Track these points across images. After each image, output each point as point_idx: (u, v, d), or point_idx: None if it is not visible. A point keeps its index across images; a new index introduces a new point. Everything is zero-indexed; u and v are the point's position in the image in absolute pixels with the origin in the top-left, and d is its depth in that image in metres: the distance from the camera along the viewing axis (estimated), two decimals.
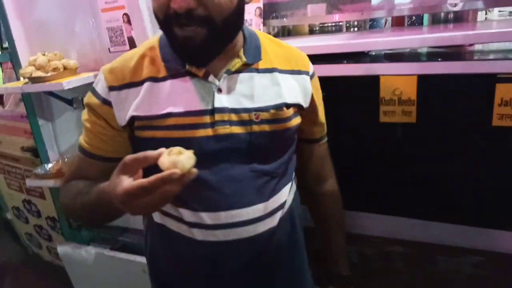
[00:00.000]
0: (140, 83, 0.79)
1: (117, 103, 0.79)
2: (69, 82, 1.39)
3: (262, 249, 0.84)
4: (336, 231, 1.05)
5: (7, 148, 2.25)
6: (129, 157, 0.62)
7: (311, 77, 0.89)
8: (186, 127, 0.76)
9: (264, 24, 1.46)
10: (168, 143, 0.64)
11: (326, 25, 1.62)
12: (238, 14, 0.72)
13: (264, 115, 0.78)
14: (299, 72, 0.86)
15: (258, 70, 0.80)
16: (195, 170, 0.61)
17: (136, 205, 0.61)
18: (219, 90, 0.77)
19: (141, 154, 0.61)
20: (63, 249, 1.85)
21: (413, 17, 1.62)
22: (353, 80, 1.17)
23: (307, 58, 0.91)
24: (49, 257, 2.49)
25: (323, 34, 1.61)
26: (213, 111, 0.76)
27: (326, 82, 0.97)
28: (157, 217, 0.88)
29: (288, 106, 0.81)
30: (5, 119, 2.17)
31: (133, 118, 0.78)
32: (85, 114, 0.83)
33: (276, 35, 1.61)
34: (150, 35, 1.35)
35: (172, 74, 0.78)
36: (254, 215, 0.81)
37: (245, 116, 0.77)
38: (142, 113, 0.78)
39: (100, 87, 0.81)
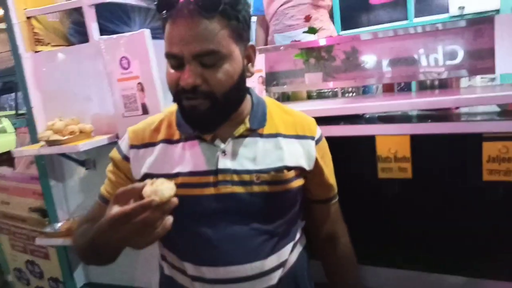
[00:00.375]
0: (155, 144, 0.89)
1: (134, 160, 0.90)
2: (84, 145, 1.49)
3: None
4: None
5: (14, 209, 2.28)
6: (120, 189, 0.71)
7: (317, 141, 0.95)
8: (192, 186, 0.85)
9: (266, 91, 1.59)
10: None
11: (322, 91, 1.76)
12: (238, 88, 0.81)
13: (264, 177, 0.85)
14: (304, 137, 0.93)
15: (262, 135, 0.88)
16: (175, 199, 0.68)
17: (121, 230, 0.67)
18: (224, 153, 0.85)
19: (129, 186, 0.71)
20: None
21: (402, 84, 1.77)
22: (352, 140, 1.27)
23: (314, 124, 0.98)
24: None
25: (320, 99, 1.74)
26: (216, 171, 0.84)
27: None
28: (167, 269, 0.95)
29: (289, 168, 0.87)
30: (16, 181, 2.23)
31: (146, 175, 0.87)
32: (109, 166, 0.95)
33: (276, 100, 1.74)
34: (162, 101, 1.47)
35: (185, 138, 0.88)
36: (252, 272, 0.85)
37: (246, 177, 0.84)
38: (155, 171, 0.87)
39: (124, 144, 0.93)
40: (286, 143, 0.90)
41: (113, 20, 1.66)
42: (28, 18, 1.72)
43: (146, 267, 1.68)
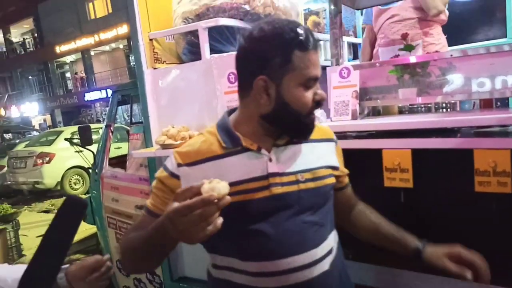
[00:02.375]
0: (203, 161, 1.00)
1: (185, 178, 1.00)
2: None
3: None
4: (385, 224, 1.18)
5: (122, 206, 2.60)
6: (179, 189, 0.81)
7: (336, 143, 1.17)
8: (249, 191, 0.97)
9: (359, 105, 1.67)
10: (233, 207, 0.82)
11: (415, 106, 1.79)
12: None
13: (308, 175, 1.02)
14: (327, 140, 1.13)
15: (296, 142, 1.05)
16: (228, 198, 0.78)
17: (180, 222, 0.76)
18: (270, 160, 1.00)
19: (187, 186, 0.80)
20: None
21: (498, 103, 1.74)
22: (444, 152, 1.30)
23: (330, 130, 1.19)
24: None
25: (412, 114, 1.78)
26: (267, 176, 0.98)
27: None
28: (220, 273, 1.04)
29: (325, 167, 1.06)
30: (126, 181, 2.56)
31: None
32: (155, 183, 1.05)
33: (367, 115, 1.82)
34: None
35: (229, 153, 1.00)
36: (310, 260, 0.98)
37: (292, 177, 1.00)
38: None
39: (170, 164, 1.04)
40: (317, 147, 1.08)
41: (221, 40, 1.88)
42: (150, 40, 2.01)
43: None
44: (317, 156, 1.06)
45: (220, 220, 0.78)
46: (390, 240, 1.15)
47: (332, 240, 1.07)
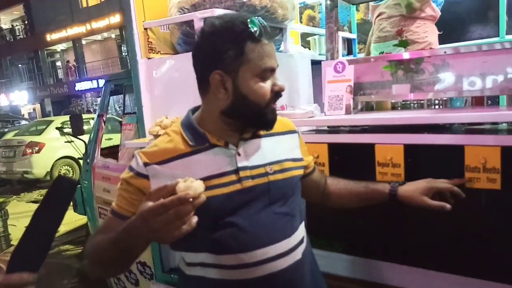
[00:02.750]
0: (171, 159, 0.99)
1: (154, 176, 0.97)
2: None
3: (294, 278, 1.03)
4: (355, 184, 1.26)
5: (114, 197, 2.58)
6: (153, 189, 0.81)
7: (298, 134, 1.20)
8: (219, 186, 0.98)
9: (353, 100, 1.68)
10: (208, 201, 0.81)
11: (408, 102, 1.81)
12: None
13: (276, 167, 1.05)
14: (290, 132, 1.17)
15: (262, 136, 1.08)
16: (204, 196, 0.79)
17: (154, 222, 0.76)
18: (238, 154, 1.02)
19: (161, 185, 0.79)
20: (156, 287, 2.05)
21: (489, 101, 1.77)
22: (436, 148, 1.32)
23: (290, 121, 1.22)
24: None
25: (405, 110, 1.80)
26: (237, 170, 1.00)
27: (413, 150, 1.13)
28: (194, 270, 1.03)
29: (290, 160, 1.09)
30: (117, 171, 2.55)
31: None
32: (120, 185, 1.03)
33: (360, 110, 1.83)
34: None
35: (196, 150, 1.00)
36: (282, 250, 1.01)
37: (261, 170, 1.02)
38: None
39: (135, 164, 1.00)
40: (281, 139, 1.12)
41: None
42: (145, 29, 2.00)
43: None
44: (282, 149, 1.10)
45: (195, 219, 0.79)
46: (365, 196, 1.23)
47: (302, 230, 1.10)
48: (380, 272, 1.47)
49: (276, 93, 1.00)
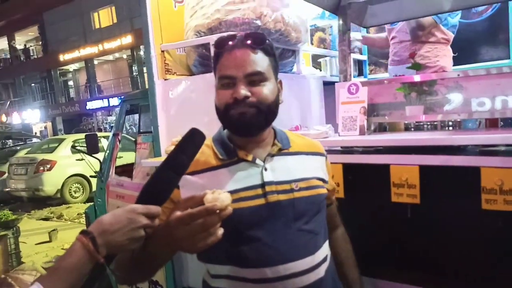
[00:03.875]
0: (202, 171, 1.04)
1: (185, 186, 1.00)
2: None
3: None
4: (349, 264, 1.26)
5: None
6: (182, 198, 0.85)
7: (325, 158, 1.21)
8: (244, 199, 1.00)
9: (367, 121, 1.71)
10: (233, 213, 0.83)
11: (421, 123, 1.83)
12: (274, 106, 1.05)
13: (302, 184, 1.06)
14: (317, 154, 1.17)
15: (289, 153, 1.10)
16: (230, 209, 0.81)
17: (181, 231, 0.79)
18: (265, 169, 1.04)
19: (189, 196, 0.84)
20: None
21: (501, 122, 1.78)
22: (451, 170, 1.32)
23: (320, 144, 1.23)
24: None
25: (418, 131, 1.81)
26: (263, 185, 1.02)
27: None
28: (219, 282, 1.05)
29: (316, 178, 1.10)
30: (131, 189, 2.57)
31: None
32: None
33: (374, 130, 1.85)
34: None
35: (225, 164, 1.05)
36: (305, 267, 1.01)
37: (287, 186, 1.04)
38: None
39: None
40: (307, 159, 1.13)
41: None
42: (162, 51, 2.06)
43: None
44: (308, 168, 1.11)
45: (221, 231, 0.81)
46: (344, 278, 1.23)
47: (326, 249, 1.11)
48: None
49: (235, 100, 1.00)
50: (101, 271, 3.18)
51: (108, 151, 2.92)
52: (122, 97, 3.56)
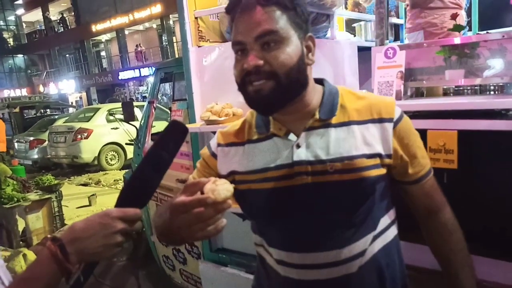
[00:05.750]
0: (241, 144, 0.99)
1: (221, 157, 1.00)
2: None
3: None
4: (458, 266, 0.98)
5: (164, 180, 2.70)
6: (189, 181, 0.80)
7: (396, 122, 0.92)
8: (270, 180, 0.91)
9: (404, 86, 1.67)
10: (258, 193, 0.82)
11: (460, 88, 1.77)
12: (298, 71, 0.87)
13: (338, 166, 0.88)
14: (380, 121, 0.92)
15: (333, 125, 0.91)
16: (229, 203, 0.73)
17: (178, 219, 0.74)
18: (298, 146, 0.91)
19: (196, 179, 0.78)
20: (204, 266, 2.15)
21: None
22: (491, 135, 1.29)
23: (392, 104, 0.94)
24: (180, 279, 2.82)
25: (457, 96, 1.76)
26: (292, 164, 0.90)
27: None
28: (259, 249, 1.05)
29: (367, 156, 0.88)
30: None
31: (232, 172, 0.98)
32: (199, 160, 1.07)
33: (410, 96, 1.81)
34: None
35: (260, 138, 0.96)
36: (327, 260, 0.90)
37: (319, 167, 0.88)
38: (239, 169, 0.97)
39: (212, 143, 1.04)
40: (360, 130, 0.91)
41: None
42: (196, 18, 2.06)
43: None
44: (357, 143, 0.90)
45: (222, 223, 0.75)
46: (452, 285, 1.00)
47: (366, 242, 0.92)
48: None
49: (247, 72, 0.85)
50: (138, 234, 3.35)
51: (143, 119, 3.01)
52: (153, 67, 3.61)
